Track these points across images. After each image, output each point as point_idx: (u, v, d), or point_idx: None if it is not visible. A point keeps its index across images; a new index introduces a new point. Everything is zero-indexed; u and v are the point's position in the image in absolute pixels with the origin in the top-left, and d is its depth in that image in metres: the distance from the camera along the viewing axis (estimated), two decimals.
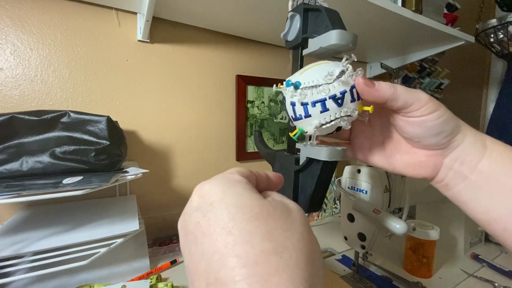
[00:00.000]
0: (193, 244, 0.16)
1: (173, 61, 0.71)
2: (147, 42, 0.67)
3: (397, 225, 0.41)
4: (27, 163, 0.46)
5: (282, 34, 0.31)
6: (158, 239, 0.67)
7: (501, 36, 1.04)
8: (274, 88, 0.27)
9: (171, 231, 0.71)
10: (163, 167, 0.72)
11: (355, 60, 0.24)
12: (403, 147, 0.29)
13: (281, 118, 0.91)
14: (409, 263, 0.58)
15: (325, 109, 0.24)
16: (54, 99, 0.59)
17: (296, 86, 0.24)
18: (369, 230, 0.50)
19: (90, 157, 0.48)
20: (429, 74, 1.19)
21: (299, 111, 0.25)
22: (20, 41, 0.55)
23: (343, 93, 0.24)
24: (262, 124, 0.87)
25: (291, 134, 0.28)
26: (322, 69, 0.24)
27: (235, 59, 0.81)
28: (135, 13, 0.65)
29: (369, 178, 0.50)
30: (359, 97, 0.25)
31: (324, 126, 0.25)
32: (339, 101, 0.24)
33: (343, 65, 0.24)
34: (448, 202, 0.28)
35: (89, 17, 0.61)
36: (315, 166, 0.27)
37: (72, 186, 0.39)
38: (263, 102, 0.86)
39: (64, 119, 0.49)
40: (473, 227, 0.68)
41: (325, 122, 0.24)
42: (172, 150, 0.73)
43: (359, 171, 0.51)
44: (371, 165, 0.32)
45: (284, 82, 0.26)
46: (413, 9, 0.68)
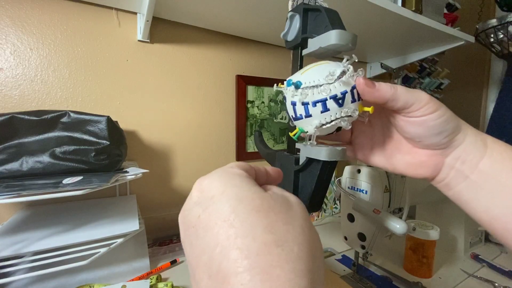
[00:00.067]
0: (194, 238, 0.16)
1: (173, 61, 0.71)
2: (147, 42, 0.67)
3: (397, 225, 0.41)
4: (27, 163, 0.46)
5: (282, 34, 0.31)
6: (158, 239, 0.67)
7: (501, 36, 1.04)
8: (275, 88, 0.27)
9: (171, 231, 0.71)
10: (163, 167, 0.72)
11: (356, 61, 0.24)
12: (404, 147, 0.29)
13: (281, 118, 0.91)
14: (409, 263, 0.58)
15: (325, 109, 0.24)
16: (54, 99, 0.59)
17: (297, 85, 0.24)
18: (369, 230, 0.50)
19: (90, 157, 0.48)
20: (429, 74, 1.19)
21: (299, 111, 0.25)
22: (20, 41, 0.55)
23: (344, 94, 0.24)
24: (262, 124, 0.87)
25: (291, 134, 0.28)
26: (323, 69, 0.24)
27: (235, 59, 0.81)
28: (135, 13, 0.65)
29: (369, 178, 0.50)
30: (359, 97, 0.25)
31: (324, 126, 0.25)
32: (340, 101, 0.24)
33: (344, 66, 0.24)
34: (448, 202, 0.28)
35: (89, 17, 0.61)
36: (315, 166, 0.27)
37: (72, 186, 0.39)
38: (263, 102, 0.86)
39: (64, 119, 0.49)
40: (473, 227, 0.68)
41: (326, 122, 0.24)
42: (172, 150, 0.73)
43: (359, 171, 0.51)
44: (371, 165, 0.32)
45: (285, 82, 0.26)
46: (413, 9, 0.68)
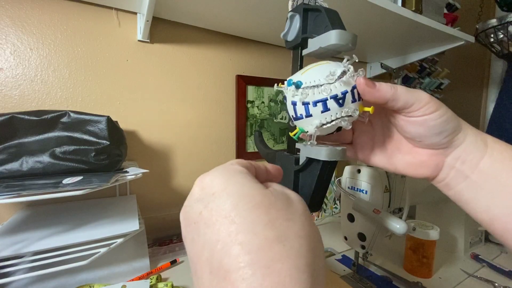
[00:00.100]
0: (195, 234, 0.16)
1: (173, 61, 0.71)
2: (147, 42, 0.67)
3: (397, 225, 0.41)
4: (27, 163, 0.46)
5: (282, 34, 0.31)
6: (158, 239, 0.67)
7: (501, 36, 1.04)
8: (275, 88, 0.27)
9: (171, 231, 0.71)
10: (163, 167, 0.72)
11: (356, 61, 0.24)
12: (404, 147, 0.29)
13: (281, 118, 0.91)
14: (409, 263, 0.58)
15: (326, 109, 0.24)
16: (54, 99, 0.59)
17: (298, 85, 0.24)
18: (369, 230, 0.50)
19: (90, 157, 0.48)
20: (429, 74, 1.19)
21: (300, 111, 0.25)
22: (20, 41, 0.55)
23: (345, 93, 0.24)
24: (262, 124, 0.87)
25: (291, 134, 0.28)
26: (323, 69, 0.24)
27: (235, 59, 0.81)
28: (135, 13, 0.65)
29: (369, 178, 0.50)
30: (360, 97, 0.25)
31: (325, 126, 0.25)
32: (340, 101, 0.24)
33: (344, 66, 0.24)
34: (448, 202, 0.28)
35: (89, 17, 0.61)
36: (315, 166, 0.27)
37: (72, 186, 0.39)
38: (263, 102, 0.86)
39: (64, 119, 0.49)
40: (473, 227, 0.68)
41: (326, 122, 0.24)
42: (172, 150, 0.73)
43: (359, 171, 0.51)
44: (372, 165, 0.32)
45: (285, 82, 0.26)
46: (413, 9, 0.68)
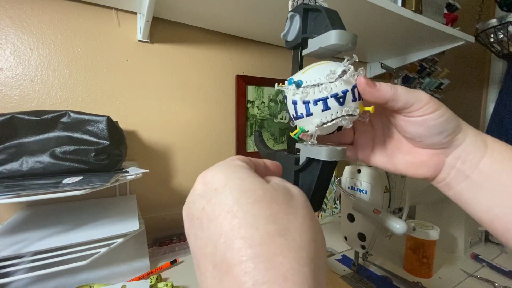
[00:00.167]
0: (198, 229, 0.16)
1: (173, 61, 0.71)
2: (147, 42, 0.67)
3: (397, 225, 0.41)
4: (27, 163, 0.46)
5: (282, 34, 0.31)
6: (158, 239, 0.67)
7: (501, 36, 1.04)
8: (276, 87, 0.27)
9: (171, 231, 0.71)
10: (163, 167, 0.72)
11: (357, 61, 0.24)
12: (404, 147, 0.29)
13: (281, 118, 0.91)
14: (409, 263, 0.58)
15: (326, 108, 0.24)
16: (54, 99, 0.59)
17: (298, 84, 0.24)
18: (369, 230, 0.50)
19: (90, 157, 0.48)
20: (429, 74, 1.19)
21: (300, 110, 0.25)
22: (20, 41, 0.55)
23: (345, 92, 0.24)
24: (262, 124, 0.87)
25: (292, 134, 0.28)
26: (324, 68, 0.24)
27: (235, 59, 0.81)
28: (135, 13, 0.65)
29: (369, 178, 0.50)
30: (360, 97, 0.25)
31: (325, 125, 0.25)
32: (341, 100, 0.24)
33: (345, 65, 0.24)
34: (448, 202, 0.28)
35: (89, 17, 0.61)
36: (315, 166, 0.27)
37: (72, 186, 0.39)
38: (263, 102, 0.86)
39: (64, 119, 0.49)
40: (473, 227, 0.68)
41: (327, 121, 0.24)
42: (172, 150, 0.73)
43: (359, 171, 0.51)
44: (372, 165, 0.32)
45: (286, 81, 0.26)
46: (413, 9, 0.68)
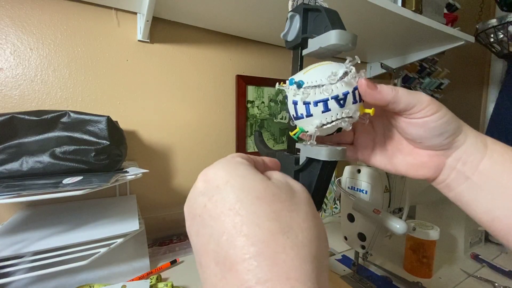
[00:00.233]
0: (200, 226, 0.16)
1: (173, 61, 0.71)
2: (147, 42, 0.67)
3: (397, 225, 0.41)
4: (27, 163, 0.46)
5: (282, 34, 0.31)
6: (158, 239, 0.67)
7: (501, 36, 1.04)
8: (277, 86, 0.27)
9: (171, 231, 0.71)
10: (163, 167, 0.72)
11: (359, 62, 0.24)
12: (405, 148, 0.29)
13: (281, 118, 0.91)
14: (409, 263, 0.58)
15: (327, 109, 0.24)
16: (54, 99, 0.59)
17: (299, 84, 0.24)
18: (369, 230, 0.50)
19: (90, 157, 0.48)
20: (429, 74, 1.19)
21: (300, 110, 0.25)
22: (20, 41, 0.55)
23: (346, 94, 0.24)
24: (262, 124, 0.87)
25: (291, 134, 0.28)
26: (325, 69, 0.24)
27: (235, 59, 0.81)
28: (135, 13, 0.65)
29: (369, 178, 0.50)
30: (361, 99, 0.25)
31: (325, 126, 0.25)
32: (341, 101, 0.24)
33: (347, 66, 0.24)
34: (448, 202, 0.28)
35: (89, 17, 0.61)
36: (315, 166, 0.27)
37: (72, 186, 0.39)
38: (263, 102, 0.86)
39: (64, 119, 0.49)
40: (473, 227, 0.68)
41: (326, 122, 0.24)
42: (172, 150, 0.73)
43: (359, 171, 0.51)
44: (373, 166, 0.32)
45: (287, 81, 0.26)
46: (413, 9, 0.68)
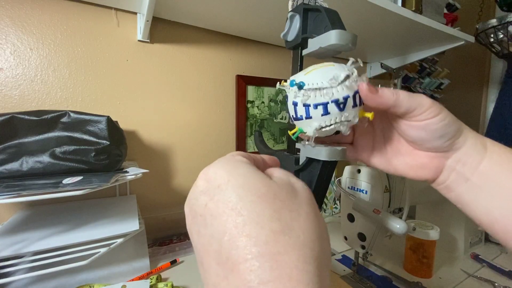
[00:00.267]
0: (202, 226, 0.16)
1: (173, 61, 0.71)
2: (147, 42, 0.67)
3: (397, 225, 0.41)
4: (27, 163, 0.46)
5: (282, 34, 0.31)
6: (158, 239, 0.67)
7: (501, 36, 1.04)
8: (278, 86, 0.27)
9: (171, 231, 0.71)
10: (163, 167, 0.72)
11: (361, 65, 0.24)
12: (405, 149, 0.29)
13: (281, 118, 0.91)
14: (409, 263, 0.58)
15: (326, 113, 0.24)
16: (54, 99, 0.59)
17: (300, 86, 0.24)
18: (369, 230, 0.50)
19: (90, 157, 0.48)
20: (429, 74, 1.19)
21: (300, 112, 0.25)
22: (20, 41, 0.55)
23: (346, 98, 0.24)
24: (262, 124, 0.87)
25: (290, 133, 0.28)
26: (327, 72, 0.24)
27: (235, 59, 0.81)
28: (135, 13, 0.65)
29: (369, 178, 0.50)
30: (361, 102, 0.25)
31: (323, 129, 0.25)
32: (341, 105, 0.24)
33: (349, 69, 0.24)
34: (448, 202, 0.28)
35: (89, 17, 0.61)
36: (315, 166, 0.27)
37: (72, 186, 0.39)
38: (263, 102, 0.86)
39: (64, 119, 0.49)
40: (473, 227, 0.68)
41: (325, 125, 0.24)
42: (172, 150, 0.73)
43: (359, 171, 0.51)
44: (372, 166, 0.32)
45: (288, 80, 0.26)
46: (413, 9, 0.68)
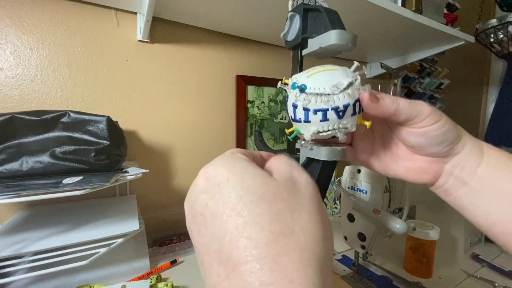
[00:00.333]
0: (202, 225, 0.16)
1: (173, 61, 0.71)
2: (147, 42, 0.67)
3: (397, 225, 0.41)
4: (27, 163, 0.46)
5: (282, 34, 0.31)
6: (158, 239, 0.67)
7: (501, 36, 1.04)
8: (279, 85, 0.27)
9: (171, 231, 0.71)
10: (163, 167, 0.72)
11: (366, 73, 0.24)
12: (404, 153, 0.29)
13: (281, 118, 0.91)
14: (409, 263, 0.58)
15: (325, 119, 0.24)
16: (54, 99, 0.59)
17: (302, 89, 0.24)
18: (369, 230, 0.50)
19: (90, 157, 0.48)
20: (429, 74, 1.19)
21: (299, 115, 0.25)
22: (20, 41, 0.55)
23: (346, 106, 0.23)
24: (262, 124, 0.87)
25: (287, 131, 0.28)
26: (330, 77, 0.24)
27: (235, 59, 0.81)
28: (135, 13, 0.65)
29: (369, 178, 0.50)
30: (360, 110, 0.25)
31: (320, 134, 0.25)
32: (341, 113, 0.24)
33: (352, 76, 0.24)
34: None
35: (89, 17, 0.61)
36: (315, 166, 0.27)
37: (72, 186, 0.39)
38: (263, 102, 0.86)
39: (64, 119, 0.49)
40: (473, 227, 0.67)
41: (322, 131, 0.24)
42: (172, 150, 0.73)
43: (359, 171, 0.51)
44: (371, 169, 0.32)
45: (289, 79, 0.26)
46: (413, 9, 0.68)
